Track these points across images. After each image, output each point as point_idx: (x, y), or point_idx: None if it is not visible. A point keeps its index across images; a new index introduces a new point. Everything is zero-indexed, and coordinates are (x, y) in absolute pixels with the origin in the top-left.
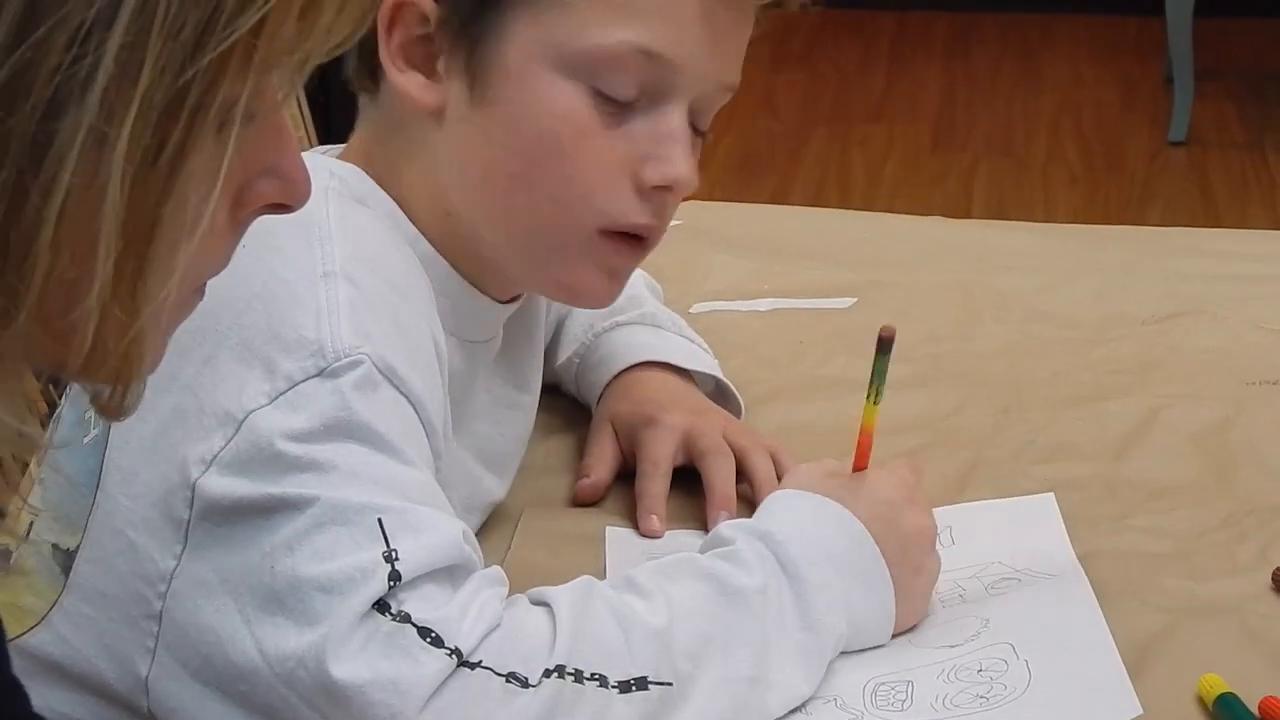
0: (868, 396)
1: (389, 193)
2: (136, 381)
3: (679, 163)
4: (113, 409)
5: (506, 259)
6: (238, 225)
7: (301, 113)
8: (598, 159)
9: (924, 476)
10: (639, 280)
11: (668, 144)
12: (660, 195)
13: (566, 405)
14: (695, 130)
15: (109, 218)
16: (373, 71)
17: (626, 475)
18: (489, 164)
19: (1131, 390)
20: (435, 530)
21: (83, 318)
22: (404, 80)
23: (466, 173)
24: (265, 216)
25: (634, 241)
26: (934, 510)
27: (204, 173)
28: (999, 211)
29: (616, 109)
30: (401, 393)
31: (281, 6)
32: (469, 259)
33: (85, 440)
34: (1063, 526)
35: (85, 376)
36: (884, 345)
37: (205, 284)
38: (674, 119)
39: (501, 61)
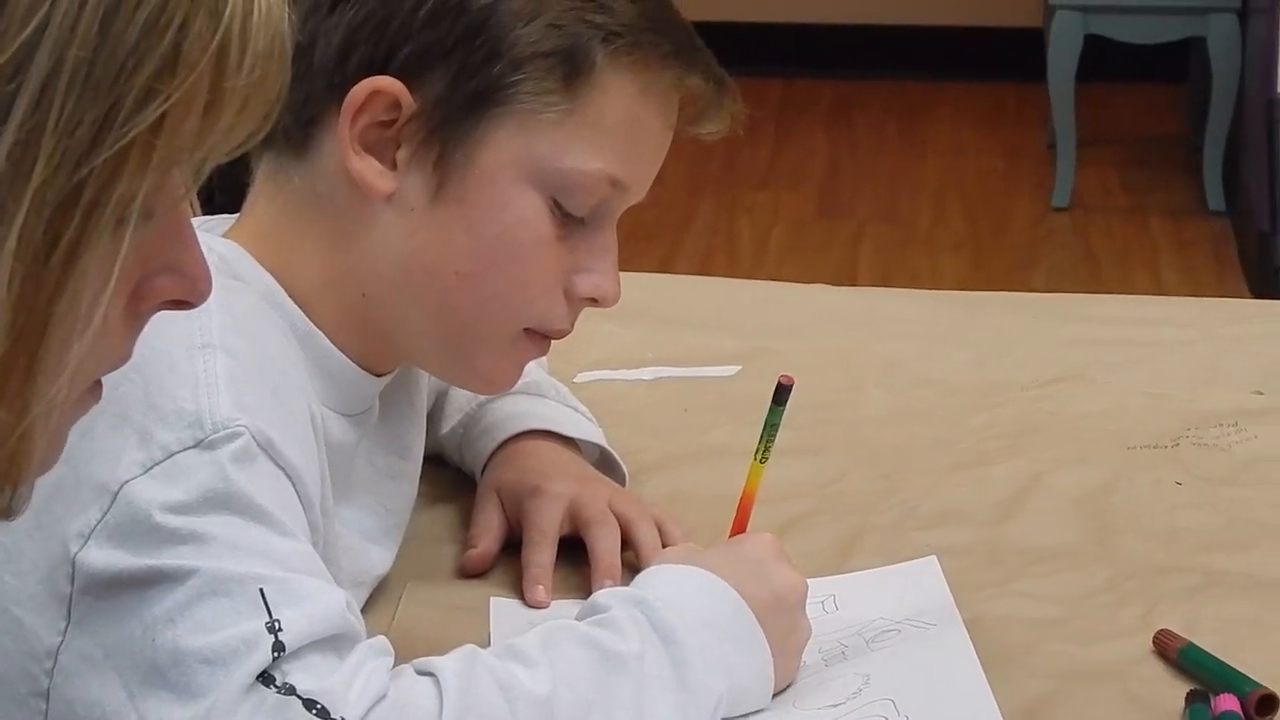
0: (755, 454)
1: (277, 265)
2: (24, 483)
3: (611, 277)
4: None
5: (424, 346)
6: (135, 321)
7: None
8: (547, 267)
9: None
10: None
11: (602, 258)
12: (584, 305)
13: (450, 475)
14: None
15: None
16: (306, 142)
17: (512, 544)
18: (439, 259)
19: (1013, 455)
20: (318, 599)
21: None
22: (361, 165)
23: (410, 263)
24: None
25: (545, 341)
26: (817, 580)
27: (98, 270)
28: (884, 278)
29: (567, 222)
30: (279, 466)
31: (182, 104)
32: (365, 338)
33: None
34: (945, 585)
35: None
36: (781, 394)
37: (100, 383)
38: (610, 235)
39: (474, 163)
